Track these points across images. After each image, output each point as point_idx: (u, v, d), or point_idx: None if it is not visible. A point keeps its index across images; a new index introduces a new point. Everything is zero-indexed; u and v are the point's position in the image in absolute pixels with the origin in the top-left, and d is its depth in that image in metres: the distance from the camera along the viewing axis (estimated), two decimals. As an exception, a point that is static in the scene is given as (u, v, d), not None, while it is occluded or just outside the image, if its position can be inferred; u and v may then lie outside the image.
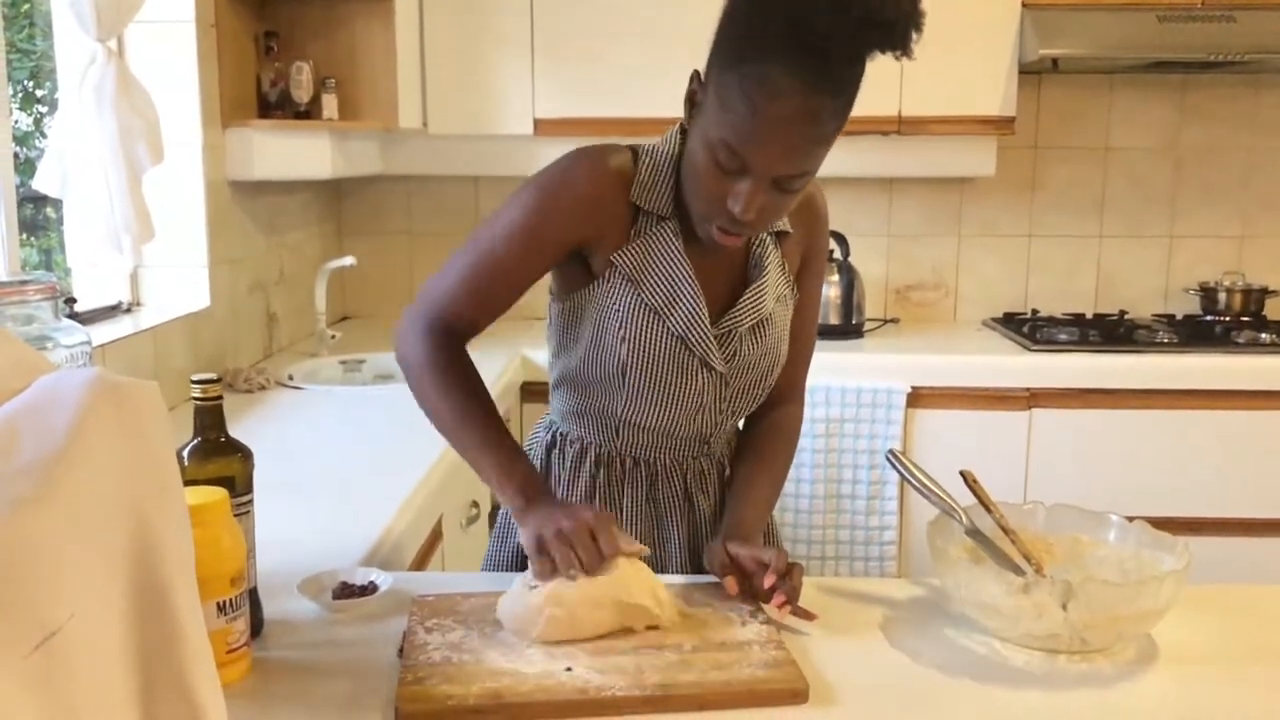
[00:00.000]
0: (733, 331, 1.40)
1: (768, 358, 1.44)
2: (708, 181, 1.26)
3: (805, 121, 1.19)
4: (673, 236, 1.36)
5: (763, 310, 1.41)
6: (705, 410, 1.43)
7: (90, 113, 2.15)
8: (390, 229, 3.61)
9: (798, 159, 1.23)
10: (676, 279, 1.36)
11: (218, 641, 1.06)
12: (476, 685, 1.07)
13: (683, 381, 1.39)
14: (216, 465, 1.16)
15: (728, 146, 1.22)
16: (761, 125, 1.19)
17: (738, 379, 1.42)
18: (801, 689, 1.09)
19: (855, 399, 2.96)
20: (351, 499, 1.75)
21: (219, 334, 2.62)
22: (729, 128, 1.21)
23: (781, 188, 1.25)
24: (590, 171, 1.35)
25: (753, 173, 1.23)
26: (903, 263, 3.62)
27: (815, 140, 1.22)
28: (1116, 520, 1.35)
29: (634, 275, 1.36)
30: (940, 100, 3.14)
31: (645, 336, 1.36)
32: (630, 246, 1.36)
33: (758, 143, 1.20)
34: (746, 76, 1.18)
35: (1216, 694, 1.13)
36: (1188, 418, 2.99)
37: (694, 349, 1.37)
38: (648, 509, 1.48)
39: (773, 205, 1.27)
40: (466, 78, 3.16)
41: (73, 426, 0.73)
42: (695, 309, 1.36)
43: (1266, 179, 3.55)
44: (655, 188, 1.36)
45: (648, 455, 1.47)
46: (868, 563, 3.03)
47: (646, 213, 1.37)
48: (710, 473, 1.51)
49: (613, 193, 1.35)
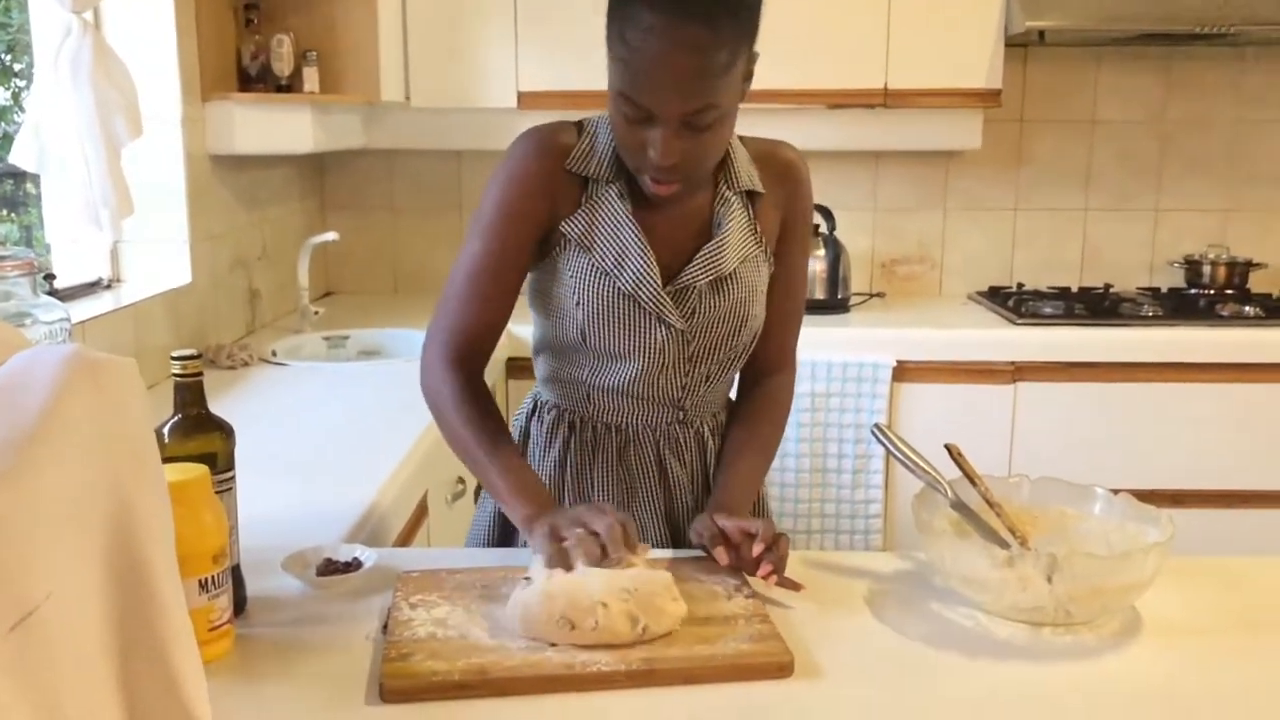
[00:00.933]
0: (690, 288, 1.41)
1: (733, 316, 1.43)
2: (624, 135, 1.30)
3: (686, 54, 1.21)
4: (617, 199, 1.39)
5: (722, 267, 1.41)
6: (669, 370, 1.44)
7: (66, 86, 2.12)
8: (373, 203, 3.58)
9: (691, 93, 1.24)
10: (624, 239, 1.38)
11: (200, 619, 1.06)
12: (461, 661, 1.07)
13: (640, 339, 1.40)
14: (198, 442, 1.15)
15: (625, 96, 1.25)
16: (644, 66, 1.22)
17: (700, 337, 1.43)
18: (787, 663, 1.09)
19: (841, 373, 2.96)
20: (336, 475, 1.75)
21: (200, 310, 2.60)
22: (621, 77, 1.25)
23: (694, 126, 1.26)
24: (534, 150, 1.39)
25: (657, 117, 1.25)
26: (888, 236, 3.62)
27: (704, 72, 1.23)
28: (1101, 493, 1.35)
29: (584, 241, 1.39)
30: (926, 73, 3.12)
31: (599, 298, 1.39)
32: (579, 214, 1.39)
33: (647, 85, 1.23)
34: (621, 22, 1.22)
35: (1200, 665, 1.13)
36: (1172, 390, 3.00)
37: (646, 305, 1.39)
38: (619, 474, 1.49)
39: (693, 147, 1.28)
40: (449, 50, 3.13)
41: (49, 403, 0.72)
42: (644, 266, 1.38)
43: (1251, 152, 3.55)
44: (594, 154, 1.39)
45: (619, 420, 1.48)
46: (853, 536, 3.04)
47: (595, 180, 1.39)
48: (686, 441, 1.51)
49: (557, 167, 1.39)
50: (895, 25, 3.11)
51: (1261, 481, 3.05)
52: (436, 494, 2.04)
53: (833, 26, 3.11)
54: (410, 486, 1.81)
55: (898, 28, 3.11)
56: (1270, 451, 3.03)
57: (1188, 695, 1.07)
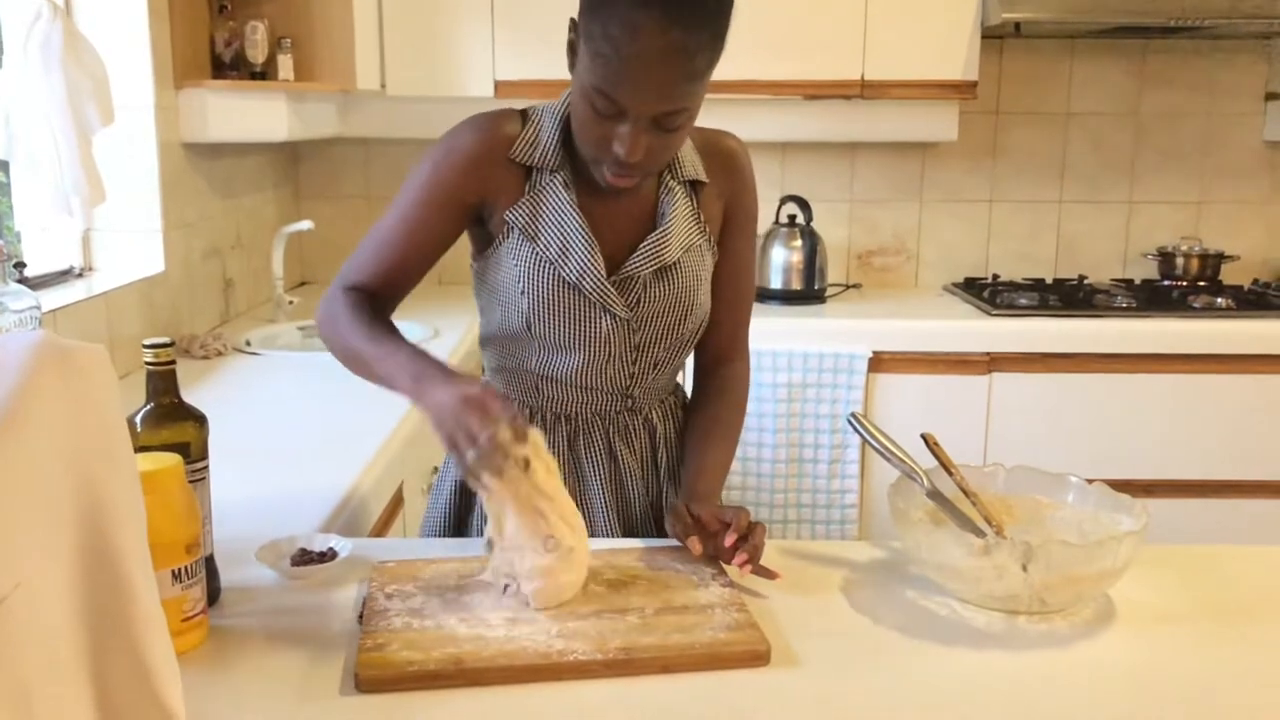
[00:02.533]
0: (634, 277, 1.41)
1: (678, 306, 1.44)
2: (590, 127, 1.29)
3: (669, 57, 1.21)
4: (562, 188, 1.39)
5: (665, 257, 1.41)
6: (616, 359, 1.44)
7: (37, 71, 2.10)
8: (348, 193, 3.56)
9: (669, 96, 1.24)
10: (567, 229, 1.38)
11: (173, 610, 1.05)
12: (437, 651, 1.07)
13: (585, 329, 1.40)
14: (170, 431, 1.14)
15: (600, 92, 1.24)
16: (627, 66, 1.21)
17: (646, 326, 1.43)
18: (763, 651, 1.09)
19: (817, 364, 2.96)
20: (311, 465, 1.74)
21: (174, 299, 2.57)
22: (598, 73, 1.23)
23: (662, 126, 1.27)
24: (473, 135, 1.39)
25: (629, 114, 1.25)
26: (865, 228, 3.63)
27: (684, 76, 1.23)
28: (1075, 482, 1.36)
29: (528, 230, 1.39)
30: (903, 64, 3.13)
31: (543, 288, 1.38)
32: (522, 203, 1.39)
33: (627, 84, 1.22)
34: (607, 19, 1.21)
35: (1173, 652, 1.14)
36: (1145, 381, 3.02)
37: (590, 296, 1.39)
38: (570, 464, 1.49)
39: (658, 145, 1.29)
40: (425, 38, 3.11)
41: (16, 391, 0.71)
42: (588, 256, 1.38)
43: (1224, 145, 3.58)
44: (540, 143, 1.39)
45: (568, 410, 1.48)
46: (828, 526, 3.05)
47: (539, 169, 1.39)
48: (635, 428, 1.51)
49: (498, 153, 1.39)
50: (872, 16, 3.11)
51: (1233, 472, 3.08)
52: (412, 484, 2.03)
53: (810, 17, 3.11)
54: (385, 476, 1.80)
55: (875, 19, 3.11)
56: (1241, 442, 3.06)
57: (1161, 681, 1.08)
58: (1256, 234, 3.63)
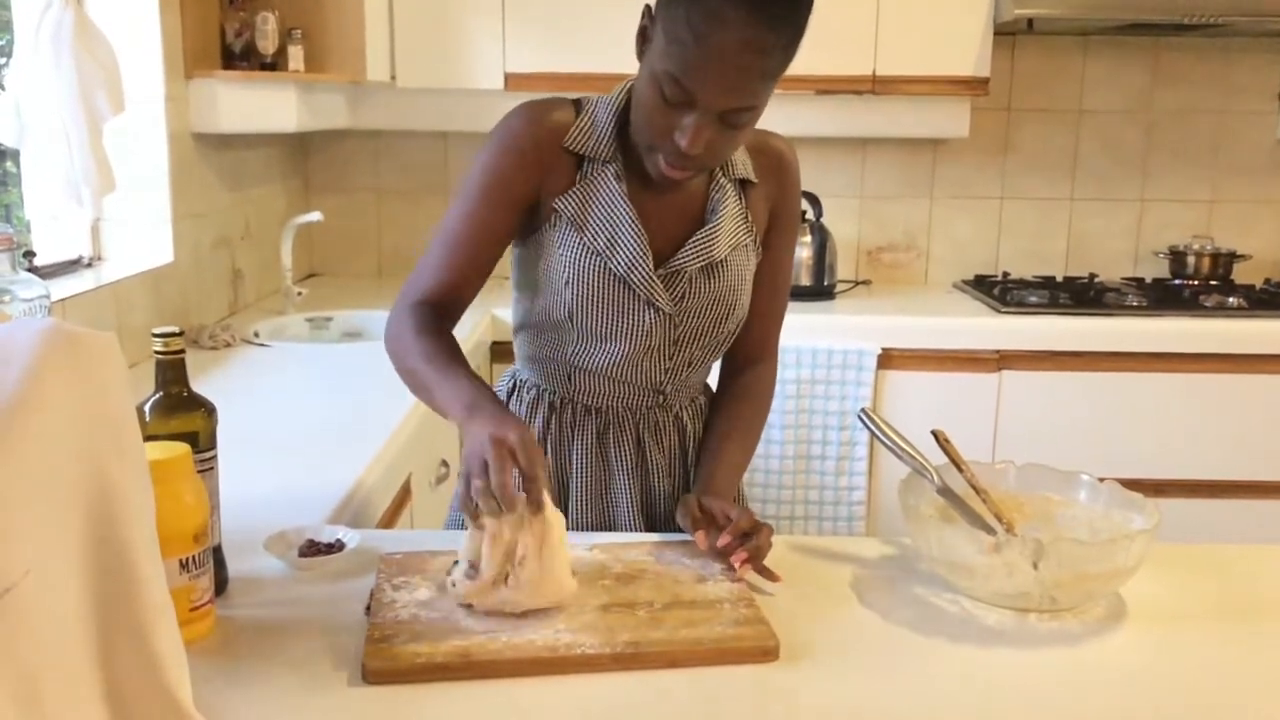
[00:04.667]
0: (681, 272, 1.40)
1: (721, 303, 1.43)
2: (655, 115, 1.27)
3: (749, 53, 1.20)
4: (614, 180, 1.38)
5: (714, 253, 1.41)
6: (655, 354, 1.43)
7: (48, 60, 2.09)
8: (357, 185, 3.56)
9: (742, 92, 1.24)
10: (617, 221, 1.37)
11: (180, 599, 1.04)
12: (445, 643, 1.06)
13: (628, 322, 1.40)
14: (179, 420, 1.14)
15: (673, 79, 1.23)
16: (706, 56, 1.20)
17: (687, 322, 1.42)
18: (771, 647, 1.08)
19: (826, 360, 2.96)
20: (319, 456, 1.73)
21: (183, 290, 2.57)
22: (675, 59, 1.22)
23: (727, 122, 1.26)
24: (526, 124, 1.38)
25: (698, 105, 1.24)
26: (875, 224, 3.62)
27: (759, 74, 1.23)
28: (1087, 480, 1.35)
29: (577, 219, 1.38)
30: (915, 60, 3.12)
31: (589, 279, 1.38)
32: (572, 191, 1.38)
33: (702, 74, 1.22)
34: (691, 6, 1.20)
35: (1184, 651, 1.13)
36: (1156, 380, 3.01)
37: (637, 289, 1.38)
38: (598, 457, 1.48)
39: (719, 140, 1.28)
40: (436, 30, 3.10)
41: (26, 377, 0.71)
42: (637, 250, 1.37)
43: (1236, 144, 3.56)
44: (594, 133, 1.38)
45: (599, 402, 1.47)
46: (836, 523, 3.05)
47: (590, 159, 1.38)
48: (666, 426, 1.50)
49: (551, 141, 1.38)
50: (884, 12, 3.10)
51: (1243, 471, 3.07)
52: (420, 476, 2.03)
53: (822, 12, 3.04)
54: (394, 468, 1.80)
55: (887, 14, 3.10)
56: (1251, 442, 3.05)
57: (1171, 680, 1.08)
58: (1268, 233, 3.61)
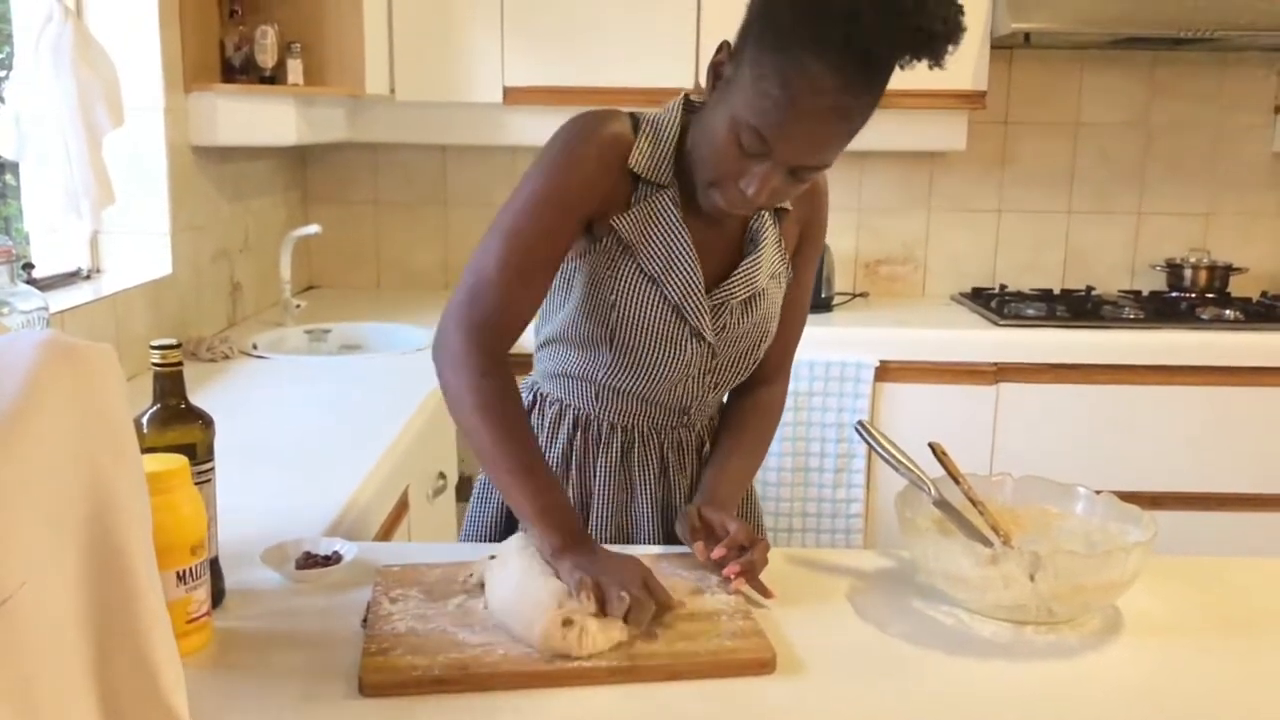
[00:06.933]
0: (725, 303, 1.40)
1: (756, 331, 1.44)
2: (725, 157, 1.25)
3: (836, 117, 1.20)
4: (672, 205, 1.35)
5: (756, 284, 1.41)
6: (690, 380, 1.43)
7: (47, 73, 2.10)
8: (356, 197, 3.56)
9: (821, 152, 1.24)
10: (674, 248, 1.35)
11: (177, 611, 1.05)
12: (442, 656, 1.06)
13: (672, 350, 1.38)
14: (177, 432, 1.14)
15: (754, 130, 1.21)
16: (794, 115, 1.19)
17: (725, 351, 1.42)
18: (769, 659, 1.08)
19: (824, 372, 2.96)
20: (316, 468, 1.73)
21: (181, 302, 2.58)
22: (759, 112, 1.20)
23: (796, 175, 1.26)
24: (594, 136, 1.33)
25: (773, 158, 1.23)
26: (872, 237, 3.62)
27: (839, 136, 1.23)
28: (1084, 492, 1.35)
29: (632, 241, 1.35)
30: (911, 74, 3.10)
31: (639, 303, 1.35)
32: (630, 213, 1.35)
33: (786, 132, 1.20)
34: (788, 65, 1.17)
35: (1180, 664, 1.13)
36: (1153, 393, 3.01)
37: (688, 318, 1.37)
38: (621, 475, 1.48)
39: (782, 190, 1.28)
40: (435, 44, 3.11)
41: (24, 388, 0.71)
42: (692, 278, 1.36)
43: (1233, 157, 3.57)
44: (655, 156, 1.35)
45: (625, 421, 1.47)
46: (834, 535, 3.04)
47: (646, 181, 1.35)
48: (688, 445, 1.50)
49: (615, 158, 1.34)
50: (882, 25, 3.10)
51: (1240, 484, 3.07)
52: (418, 489, 2.03)
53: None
54: (391, 481, 1.80)
55: (884, 28, 3.10)
56: (1249, 454, 3.05)
57: (1168, 693, 1.08)
58: (1265, 246, 3.62)
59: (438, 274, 3.60)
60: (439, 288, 3.57)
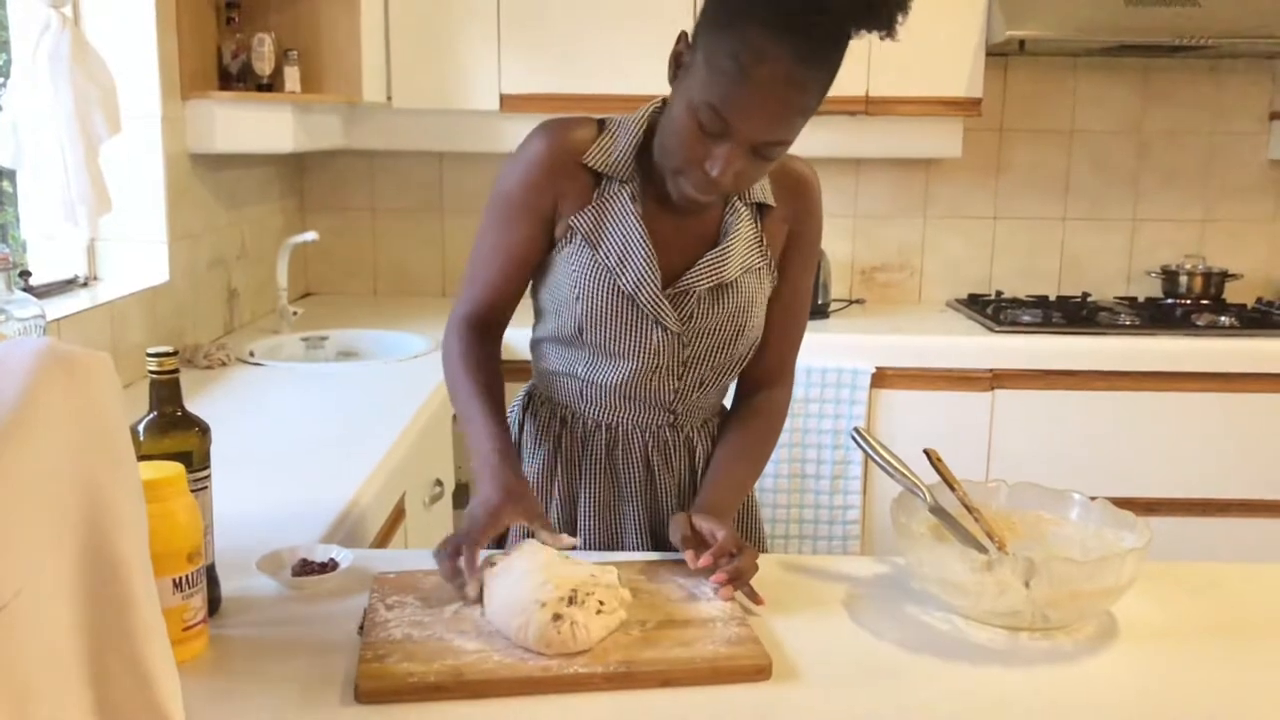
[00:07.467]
0: (689, 292, 1.41)
1: (731, 324, 1.44)
2: (687, 141, 1.28)
3: (789, 90, 1.22)
4: (629, 199, 1.39)
5: (724, 275, 1.42)
6: (663, 372, 1.44)
7: (45, 81, 2.10)
8: (353, 204, 3.57)
9: (779, 127, 1.25)
10: (629, 239, 1.39)
11: (174, 619, 1.05)
12: (438, 663, 1.06)
13: (636, 339, 1.41)
14: (173, 440, 1.14)
15: (711, 109, 1.24)
16: (747, 89, 1.21)
17: (697, 342, 1.43)
18: (764, 665, 1.09)
19: (820, 379, 2.96)
20: (313, 475, 1.74)
21: (178, 309, 2.58)
22: (715, 90, 1.23)
23: (759, 154, 1.28)
24: (544, 142, 1.40)
25: (734, 137, 1.25)
26: (868, 243, 3.63)
27: (797, 110, 1.24)
28: (1078, 499, 1.36)
29: (591, 237, 1.40)
30: (907, 81, 3.13)
31: (598, 295, 1.40)
32: (588, 209, 1.40)
33: (742, 106, 1.22)
34: (736, 40, 1.20)
35: (1175, 669, 1.14)
36: (1149, 399, 3.02)
37: (644, 307, 1.40)
38: (606, 474, 1.50)
39: (748, 171, 1.29)
40: (432, 51, 3.12)
41: (21, 396, 0.71)
42: (646, 269, 1.39)
43: (1227, 163, 3.58)
44: (614, 152, 1.40)
45: (610, 419, 1.49)
46: (830, 542, 3.04)
47: (608, 179, 1.40)
48: (675, 445, 1.51)
49: (569, 159, 1.40)
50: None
51: (1234, 490, 3.07)
52: (414, 496, 2.03)
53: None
54: (388, 488, 1.80)
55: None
56: (1244, 460, 3.05)
57: (1163, 699, 1.08)
58: (1260, 253, 3.63)
59: (435, 281, 3.60)
60: (436, 295, 3.57)
